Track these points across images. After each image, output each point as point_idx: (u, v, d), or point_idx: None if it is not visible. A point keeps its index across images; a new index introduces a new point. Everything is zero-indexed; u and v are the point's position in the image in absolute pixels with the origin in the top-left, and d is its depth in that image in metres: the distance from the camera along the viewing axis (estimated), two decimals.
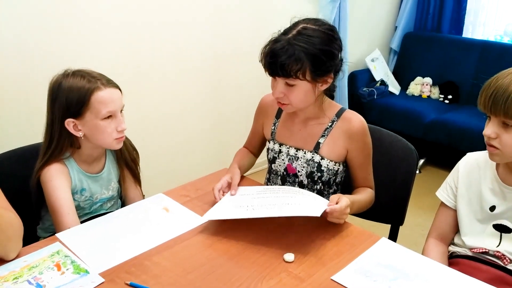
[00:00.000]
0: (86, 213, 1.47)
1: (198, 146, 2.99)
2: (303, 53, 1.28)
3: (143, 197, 1.58)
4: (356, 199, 1.41)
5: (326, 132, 1.47)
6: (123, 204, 1.58)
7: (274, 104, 1.51)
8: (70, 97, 1.32)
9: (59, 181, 1.36)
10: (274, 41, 1.33)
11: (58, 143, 1.37)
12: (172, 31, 2.62)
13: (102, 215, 1.37)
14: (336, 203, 1.26)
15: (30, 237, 1.36)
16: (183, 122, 2.86)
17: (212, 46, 2.85)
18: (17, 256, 1.14)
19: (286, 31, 1.34)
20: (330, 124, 1.47)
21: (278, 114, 1.57)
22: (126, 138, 1.50)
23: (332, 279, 1.08)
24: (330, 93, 1.48)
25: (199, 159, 2.99)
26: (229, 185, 1.45)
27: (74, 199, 1.42)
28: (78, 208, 1.44)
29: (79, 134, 1.35)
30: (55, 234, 1.26)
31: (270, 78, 1.40)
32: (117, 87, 1.38)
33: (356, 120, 1.45)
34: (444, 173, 3.54)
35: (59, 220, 1.33)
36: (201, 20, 2.75)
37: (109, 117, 1.35)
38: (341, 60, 1.39)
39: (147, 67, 2.55)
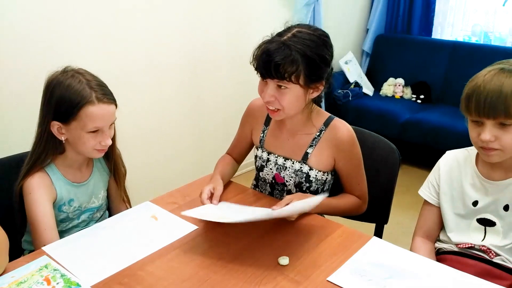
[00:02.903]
0: (75, 225, 1.44)
1: (180, 153, 2.97)
2: (299, 55, 1.26)
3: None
4: (324, 202, 1.38)
5: (314, 142, 1.45)
6: (110, 216, 1.54)
7: (263, 109, 1.48)
8: (61, 102, 1.27)
9: (39, 194, 1.32)
10: (268, 42, 1.30)
11: (46, 144, 1.32)
12: (151, 40, 2.60)
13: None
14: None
15: (13, 250, 1.31)
16: (164, 130, 2.83)
17: (190, 53, 2.83)
18: (4, 272, 1.11)
19: (280, 34, 1.32)
20: (318, 133, 1.45)
21: (267, 122, 1.55)
22: (118, 153, 1.48)
23: (328, 280, 1.09)
24: (319, 99, 1.46)
25: (182, 166, 2.97)
26: (211, 196, 1.40)
27: (62, 211, 1.38)
28: (67, 219, 1.41)
29: (61, 137, 1.32)
30: (42, 247, 1.22)
31: (250, 85, 1.38)
32: (112, 102, 1.32)
33: (343, 129, 1.44)
34: (420, 171, 3.63)
35: (37, 236, 1.30)
36: (179, 29, 2.73)
37: (95, 131, 1.30)
38: (332, 69, 1.38)
39: (126, 77, 2.51)
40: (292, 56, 1.26)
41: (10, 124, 2.10)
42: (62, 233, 1.34)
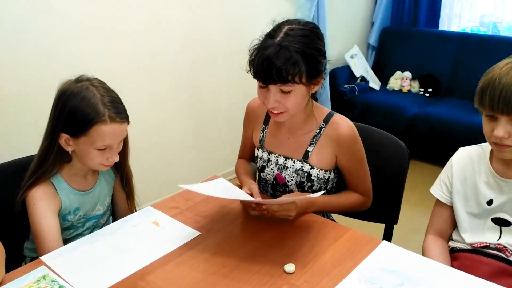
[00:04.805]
0: (80, 233, 1.40)
1: (180, 156, 2.93)
2: (299, 54, 1.22)
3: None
4: (323, 200, 1.40)
5: (314, 139, 1.41)
6: (114, 220, 1.51)
7: (261, 108, 1.44)
8: (73, 115, 1.23)
9: (44, 205, 1.28)
10: (263, 47, 1.24)
11: (55, 156, 1.29)
12: (147, 37, 2.56)
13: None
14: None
15: (15, 256, 1.29)
16: (163, 131, 2.79)
17: (189, 50, 2.79)
18: (1, 284, 1.07)
19: (271, 35, 1.26)
20: (318, 131, 1.41)
21: (266, 121, 1.51)
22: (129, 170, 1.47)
23: None
24: (314, 94, 1.41)
25: (182, 169, 2.93)
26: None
27: (67, 220, 1.35)
28: (71, 227, 1.38)
29: (68, 149, 1.28)
30: (40, 257, 1.19)
31: (250, 82, 1.33)
32: (124, 120, 1.28)
33: (344, 125, 1.39)
34: (428, 166, 3.57)
35: (41, 248, 1.27)
36: (177, 26, 2.69)
37: (104, 148, 1.27)
38: (326, 59, 1.34)
39: (124, 77, 2.47)
40: (293, 58, 1.21)
41: (11, 127, 2.07)
42: (66, 241, 1.30)
